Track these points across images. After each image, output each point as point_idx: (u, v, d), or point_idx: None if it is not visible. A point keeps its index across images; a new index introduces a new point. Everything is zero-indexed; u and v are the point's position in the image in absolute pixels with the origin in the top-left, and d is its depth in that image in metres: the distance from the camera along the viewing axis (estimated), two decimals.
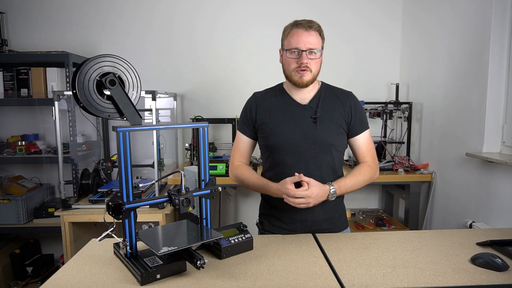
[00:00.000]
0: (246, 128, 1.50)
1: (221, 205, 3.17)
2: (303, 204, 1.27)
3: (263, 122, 1.44)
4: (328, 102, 1.44)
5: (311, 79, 1.39)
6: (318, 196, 1.29)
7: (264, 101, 1.48)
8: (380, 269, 1.11)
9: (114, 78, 1.08)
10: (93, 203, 2.39)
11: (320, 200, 1.31)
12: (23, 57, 2.72)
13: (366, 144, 1.48)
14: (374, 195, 3.25)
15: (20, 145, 2.74)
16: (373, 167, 1.46)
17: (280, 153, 1.42)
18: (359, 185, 1.41)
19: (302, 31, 1.35)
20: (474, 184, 2.16)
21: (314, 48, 1.35)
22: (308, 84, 1.40)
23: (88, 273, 1.10)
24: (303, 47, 1.34)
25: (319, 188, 1.29)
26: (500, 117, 2.05)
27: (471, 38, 2.18)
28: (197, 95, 3.10)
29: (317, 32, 1.37)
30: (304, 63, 1.35)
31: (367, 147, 1.49)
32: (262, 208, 1.57)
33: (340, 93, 1.48)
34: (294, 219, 1.45)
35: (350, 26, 3.07)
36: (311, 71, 1.37)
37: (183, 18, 3.02)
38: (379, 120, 2.96)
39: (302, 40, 1.34)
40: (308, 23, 1.36)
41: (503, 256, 1.16)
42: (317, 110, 1.41)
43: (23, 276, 2.73)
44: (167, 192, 1.17)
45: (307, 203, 1.27)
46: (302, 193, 1.26)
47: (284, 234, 1.44)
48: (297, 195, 1.26)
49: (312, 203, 1.28)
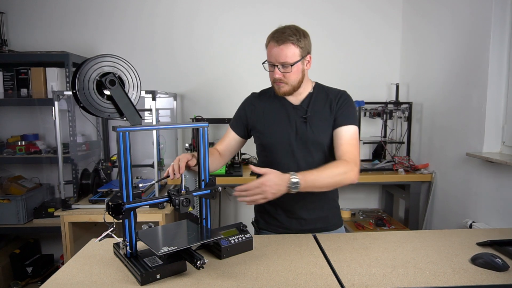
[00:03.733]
0: (236, 124, 1.54)
1: (221, 205, 3.17)
2: (259, 196, 1.16)
3: (257, 122, 1.48)
4: (319, 102, 1.44)
5: (289, 89, 1.39)
6: (274, 184, 1.16)
7: (260, 101, 1.51)
8: (380, 269, 1.10)
9: (114, 78, 1.08)
10: (93, 203, 2.39)
11: (279, 190, 1.18)
12: (23, 57, 2.71)
13: (348, 139, 1.38)
14: (374, 195, 3.25)
15: (20, 145, 2.74)
16: (350, 165, 1.31)
17: (272, 152, 1.45)
18: (330, 178, 1.26)
19: (273, 45, 1.33)
20: (474, 184, 2.16)
21: (286, 63, 1.32)
22: (287, 94, 1.41)
23: (88, 273, 1.10)
24: (275, 62, 1.34)
25: (275, 176, 1.18)
26: (500, 117, 2.05)
27: (471, 38, 2.18)
28: (197, 95, 3.10)
29: (290, 44, 1.31)
30: (276, 78, 1.35)
31: (349, 142, 1.37)
32: (257, 206, 1.59)
33: (332, 92, 1.47)
34: (288, 218, 1.47)
35: (350, 27, 3.07)
36: (287, 83, 1.37)
37: (183, 18, 3.02)
38: (379, 120, 2.96)
39: (273, 55, 1.33)
40: (281, 35, 1.31)
41: (503, 256, 1.16)
42: (308, 110, 1.42)
43: (23, 276, 2.73)
44: (167, 192, 1.18)
45: (262, 192, 1.15)
46: (252, 184, 1.16)
47: (279, 233, 1.46)
48: (244, 188, 1.15)
49: (268, 192, 1.16)
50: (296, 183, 1.19)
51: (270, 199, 1.18)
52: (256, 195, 1.16)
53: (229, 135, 1.55)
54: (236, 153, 1.62)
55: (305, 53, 1.37)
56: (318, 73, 2.89)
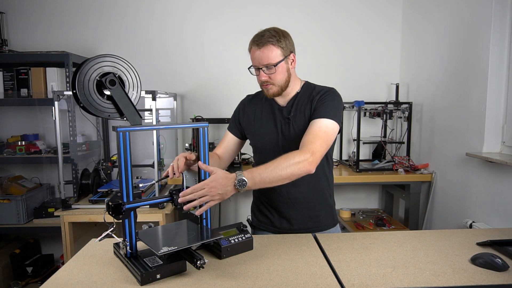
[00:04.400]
0: (233, 126, 1.58)
1: (221, 205, 3.17)
2: (205, 197, 1.10)
3: (249, 124, 1.52)
4: (303, 100, 1.43)
5: (278, 90, 1.40)
6: (219, 184, 1.11)
7: (251, 104, 1.55)
8: (380, 269, 1.10)
9: (114, 78, 1.08)
10: (93, 203, 2.39)
11: (225, 190, 1.12)
12: (23, 57, 2.71)
13: (315, 130, 1.29)
14: (374, 195, 3.25)
15: (20, 145, 2.74)
16: (305, 154, 1.21)
17: (262, 153, 1.50)
18: (280, 170, 1.18)
19: (254, 49, 1.35)
20: (474, 184, 2.16)
21: (269, 64, 1.34)
22: (277, 95, 1.42)
23: (88, 273, 1.10)
24: (258, 65, 1.36)
25: (220, 176, 1.13)
26: (500, 117, 2.05)
27: (471, 38, 2.18)
28: (197, 95, 3.10)
29: (271, 45, 1.32)
30: (262, 80, 1.37)
31: (314, 133, 1.28)
32: (252, 204, 1.62)
33: (317, 89, 1.43)
34: (279, 217, 1.49)
35: (350, 27, 3.07)
36: (274, 84, 1.38)
37: (184, 18, 3.02)
38: (379, 120, 2.96)
39: (255, 58, 1.35)
40: (260, 38, 1.33)
41: (503, 256, 1.16)
42: (291, 110, 1.43)
43: (23, 276, 2.73)
44: (168, 191, 1.18)
45: (208, 193, 1.10)
46: (196, 186, 1.11)
47: (271, 232, 1.49)
48: (189, 191, 1.10)
49: (214, 193, 1.10)
50: (243, 180, 1.14)
51: (218, 200, 1.13)
52: (203, 197, 1.10)
53: (227, 137, 1.58)
54: (236, 154, 1.64)
55: (287, 53, 1.37)
56: (318, 73, 2.90)
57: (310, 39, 3.04)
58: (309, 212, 1.47)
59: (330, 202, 1.54)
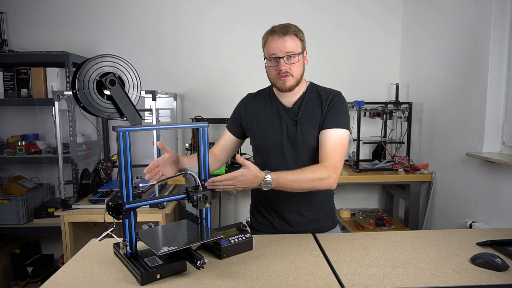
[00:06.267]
0: (232, 125, 1.56)
1: (221, 205, 3.17)
2: (230, 186, 1.19)
3: (251, 123, 1.49)
4: (311, 103, 1.43)
5: (294, 83, 1.39)
6: (247, 180, 1.19)
7: (254, 103, 1.52)
8: (380, 269, 1.11)
9: (114, 78, 1.08)
10: (93, 203, 2.39)
11: (250, 185, 1.20)
12: (23, 57, 2.71)
13: (332, 143, 1.34)
14: (374, 195, 3.25)
15: (20, 145, 2.74)
16: (329, 171, 1.28)
17: (264, 153, 1.47)
18: (302, 182, 1.25)
19: (277, 38, 1.34)
20: (474, 184, 2.16)
21: (292, 52, 1.34)
22: (292, 89, 1.40)
23: (88, 273, 1.10)
24: (280, 54, 1.34)
25: (251, 173, 1.19)
26: (500, 117, 2.05)
27: (471, 38, 2.18)
28: (197, 95, 3.10)
29: (293, 35, 1.35)
30: (282, 70, 1.35)
31: (332, 147, 1.33)
32: (251, 206, 1.61)
33: (324, 93, 1.44)
34: (280, 220, 1.48)
35: (350, 27, 3.07)
36: (292, 76, 1.37)
37: (184, 18, 3.02)
38: (379, 120, 2.96)
39: (278, 47, 1.34)
40: (283, 28, 1.35)
41: (503, 256, 1.16)
42: (299, 112, 1.42)
43: (23, 276, 2.73)
44: (184, 189, 1.19)
45: (234, 184, 1.19)
46: (226, 176, 1.18)
47: (271, 234, 1.46)
48: (219, 179, 1.18)
49: (240, 186, 1.19)
50: (269, 182, 1.22)
51: (240, 190, 1.23)
52: (228, 186, 1.19)
53: (225, 136, 1.57)
54: (234, 154, 1.62)
55: (304, 47, 1.39)
56: (318, 73, 2.90)
57: (310, 39, 3.03)
58: (310, 215, 1.47)
59: (331, 204, 1.55)
